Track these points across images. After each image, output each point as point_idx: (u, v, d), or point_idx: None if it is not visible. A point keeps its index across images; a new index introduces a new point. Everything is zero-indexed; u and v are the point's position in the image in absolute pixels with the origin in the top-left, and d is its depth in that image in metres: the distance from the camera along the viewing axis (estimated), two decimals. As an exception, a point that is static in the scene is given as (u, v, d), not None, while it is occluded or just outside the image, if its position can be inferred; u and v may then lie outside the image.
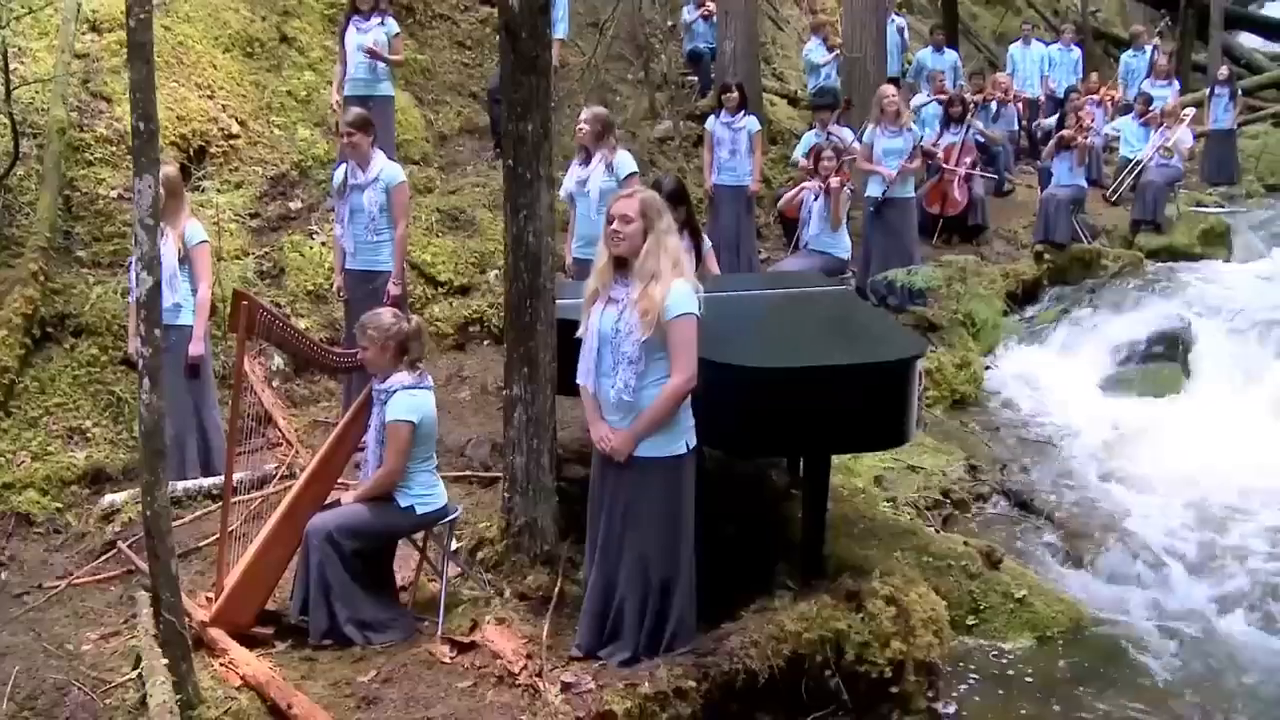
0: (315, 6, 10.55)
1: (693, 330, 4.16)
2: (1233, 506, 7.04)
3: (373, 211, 6.64)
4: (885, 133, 9.55)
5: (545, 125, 4.96)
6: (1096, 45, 21.82)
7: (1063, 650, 5.17)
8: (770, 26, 15.63)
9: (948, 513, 6.60)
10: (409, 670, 4.49)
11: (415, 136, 10.13)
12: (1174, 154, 13.18)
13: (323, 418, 7.22)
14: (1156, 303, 10.54)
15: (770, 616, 4.43)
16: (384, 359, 4.71)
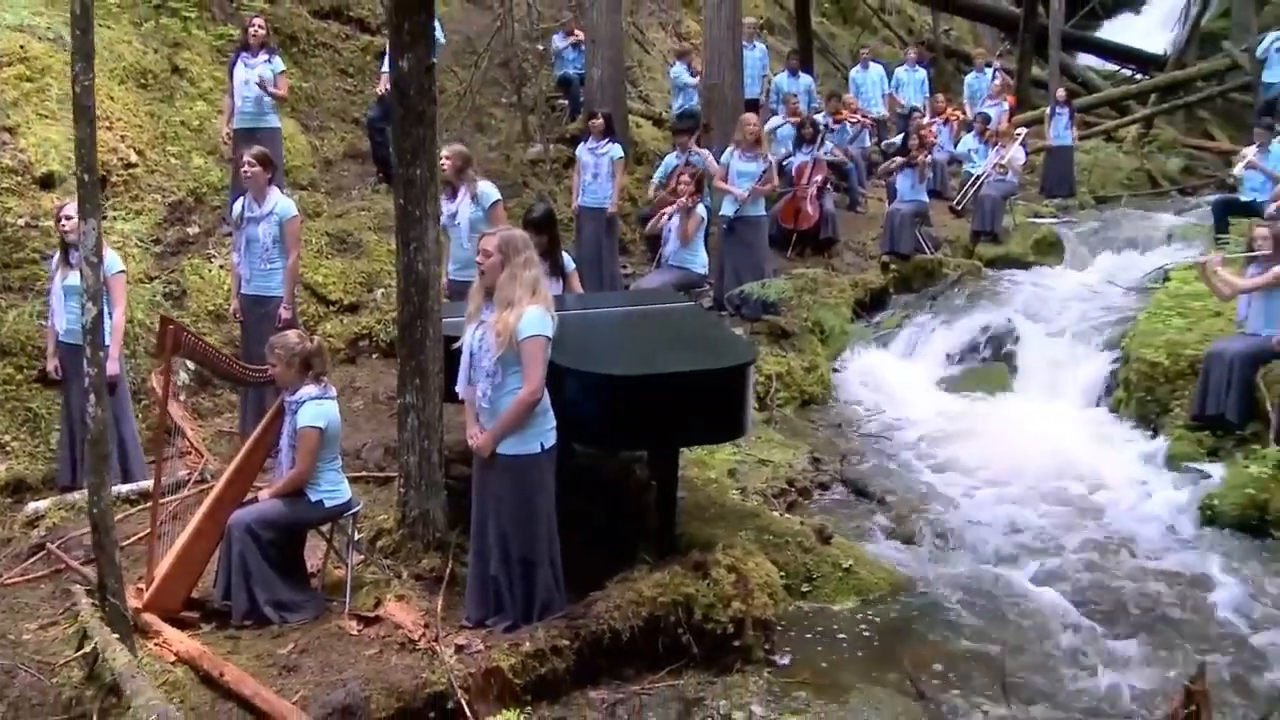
0: (204, 39, 11.07)
1: (541, 349, 4.98)
2: (1041, 489, 8.05)
3: (266, 242, 7.28)
4: (743, 156, 10.41)
5: (432, 169, 5.72)
6: (949, 63, 23.22)
7: (883, 610, 6.09)
8: (637, 50, 16.50)
9: (792, 499, 7.51)
10: (322, 642, 5.20)
11: (302, 162, 10.74)
12: (1009, 170, 14.43)
13: (227, 428, 7.85)
14: (989, 308, 11.66)
15: (630, 585, 5.27)
16: (291, 374, 5.41)
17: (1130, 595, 6.27)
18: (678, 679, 5.18)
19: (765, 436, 8.33)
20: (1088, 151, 18.51)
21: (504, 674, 4.92)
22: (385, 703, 4.74)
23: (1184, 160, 18.93)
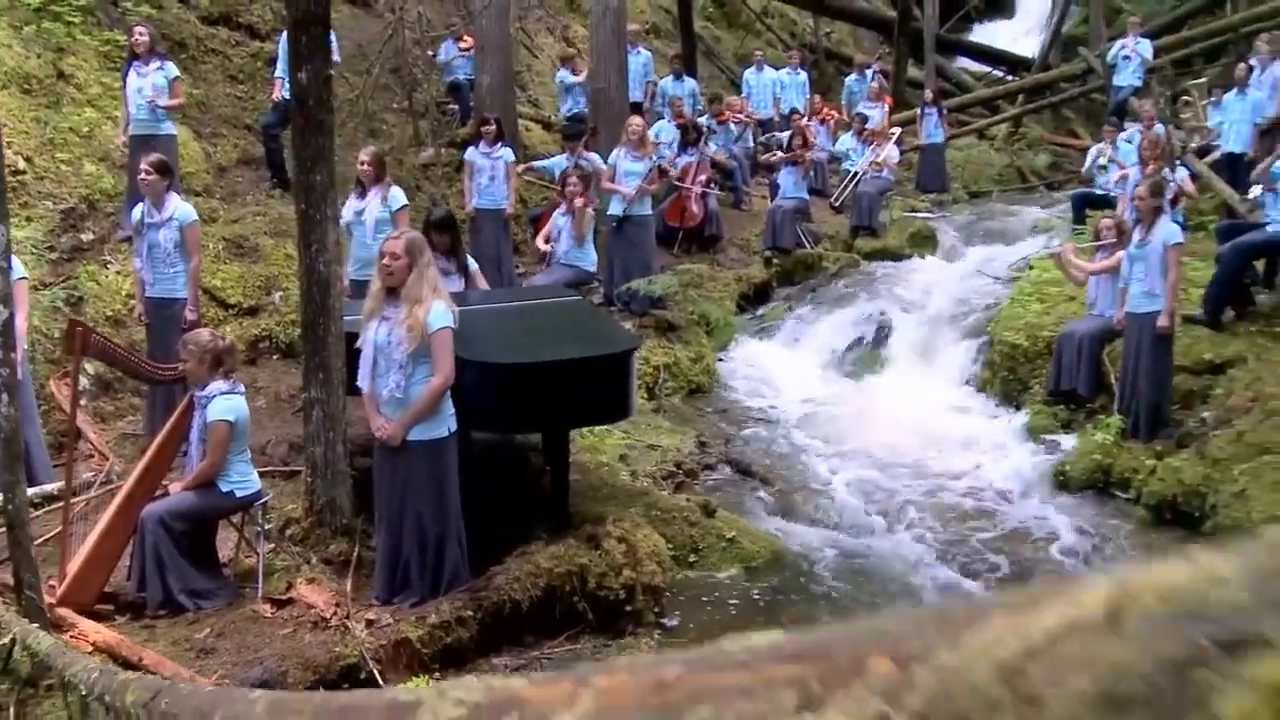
0: (89, 44, 11.08)
1: (449, 340, 5.37)
2: (912, 462, 8.65)
3: (168, 247, 7.49)
4: (629, 156, 10.83)
5: (330, 175, 6.03)
6: (830, 65, 23.99)
7: (764, 576, 6.58)
8: (526, 55, 16.83)
9: (680, 480, 7.96)
10: (237, 626, 5.49)
11: (196, 169, 10.86)
12: (884, 167, 15.12)
13: (130, 430, 8.00)
14: (866, 298, 12.26)
15: (528, 558, 5.67)
16: (203, 370, 5.69)
17: (989, 552, 6.87)
18: (575, 644, 5.59)
19: (654, 424, 8.78)
20: (960, 149, 19.35)
21: (412, 644, 5.27)
22: (301, 676, 5.05)
23: (1050, 157, 19.90)
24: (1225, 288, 8.74)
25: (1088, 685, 0.31)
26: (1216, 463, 7.32)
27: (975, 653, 0.35)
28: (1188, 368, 8.37)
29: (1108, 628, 0.31)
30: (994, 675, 0.34)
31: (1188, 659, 0.29)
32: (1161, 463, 7.61)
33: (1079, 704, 0.31)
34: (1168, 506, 7.39)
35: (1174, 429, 7.95)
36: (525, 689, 0.74)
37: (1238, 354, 8.33)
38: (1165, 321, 7.84)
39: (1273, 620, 0.27)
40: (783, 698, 0.44)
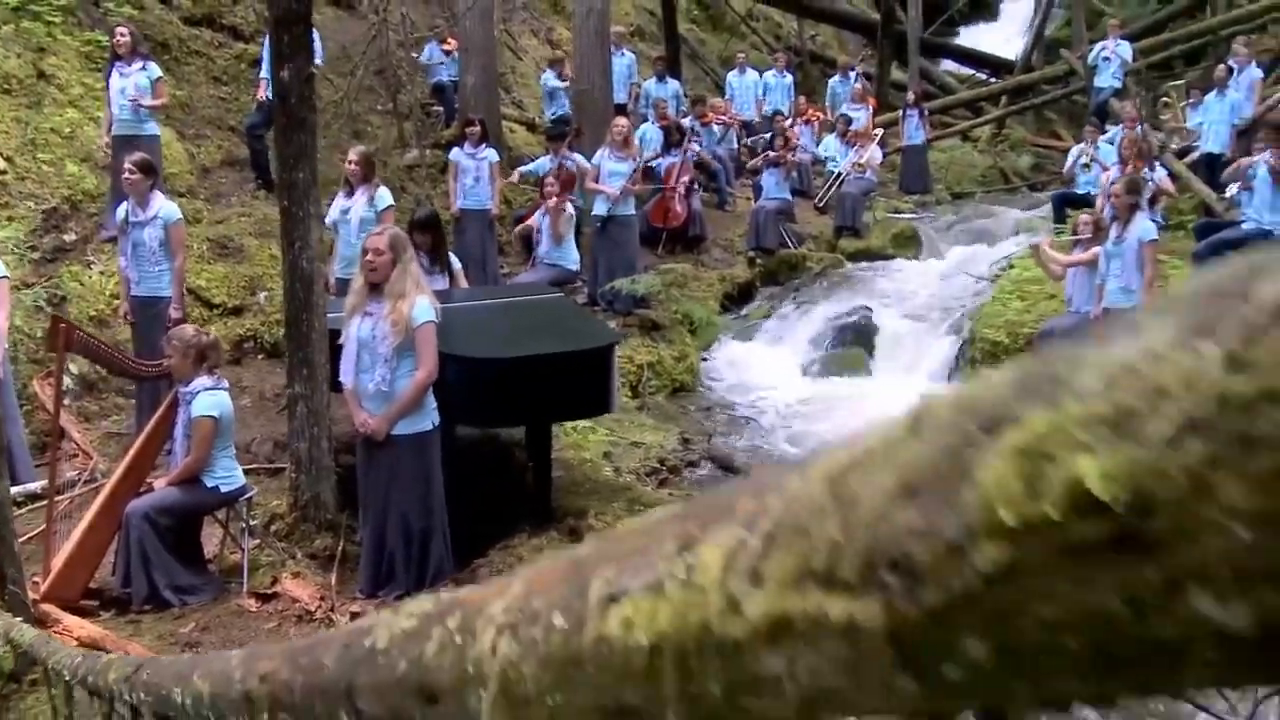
0: (70, 44, 11.10)
1: (433, 334, 5.43)
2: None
3: (153, 246, 7.53)
4: (613, 157, 10.91)
5: (313, 172, 6.09)
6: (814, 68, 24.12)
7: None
8: (510, 57, 16.90)
9: (663, 477, 8.02)
10: (222, 620, 5.53)
11: (179, 170, 10.88)
12: (867, 168, 15.22)
13: (114, 430, 8.04)
14: (850, 297, 12.35)
15: (511, 550, 5.73)
16: (187, 366, 5.73)
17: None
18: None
19: (638, 421, 8.84)
20: (944, 151, 19.49)
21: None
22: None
23: (1033, 158, 20.05)
24: (1201, 284, 8.83)
25: (890, 479, 0.37)
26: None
27: (814, 474, 0.42)
28: (1165, 364, 8.46)
29: (909, 433, 0.38)
30: (823, 487, 0.40)
31: (961, 443, 0.35)
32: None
33: (883, 496, 0.37)
34: (1144, 500, 7.48)
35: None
36: (465, 593, 0.81)
37: (1214, 350, 8.42)
38: (1142, 318, 7.93)
39: (1022, 404, 0.33)
40: (667, 546, 0.50)
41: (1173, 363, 0.29)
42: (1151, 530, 0.29)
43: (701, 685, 0.49)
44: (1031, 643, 0.33)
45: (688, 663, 0.49)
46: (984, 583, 0.33)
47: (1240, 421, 0.27)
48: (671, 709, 0.52)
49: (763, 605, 0.43)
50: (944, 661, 0.37)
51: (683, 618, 0.48)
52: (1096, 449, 0.30)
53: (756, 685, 0.46)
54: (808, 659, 0.42)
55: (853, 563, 0.38)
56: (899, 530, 0.36)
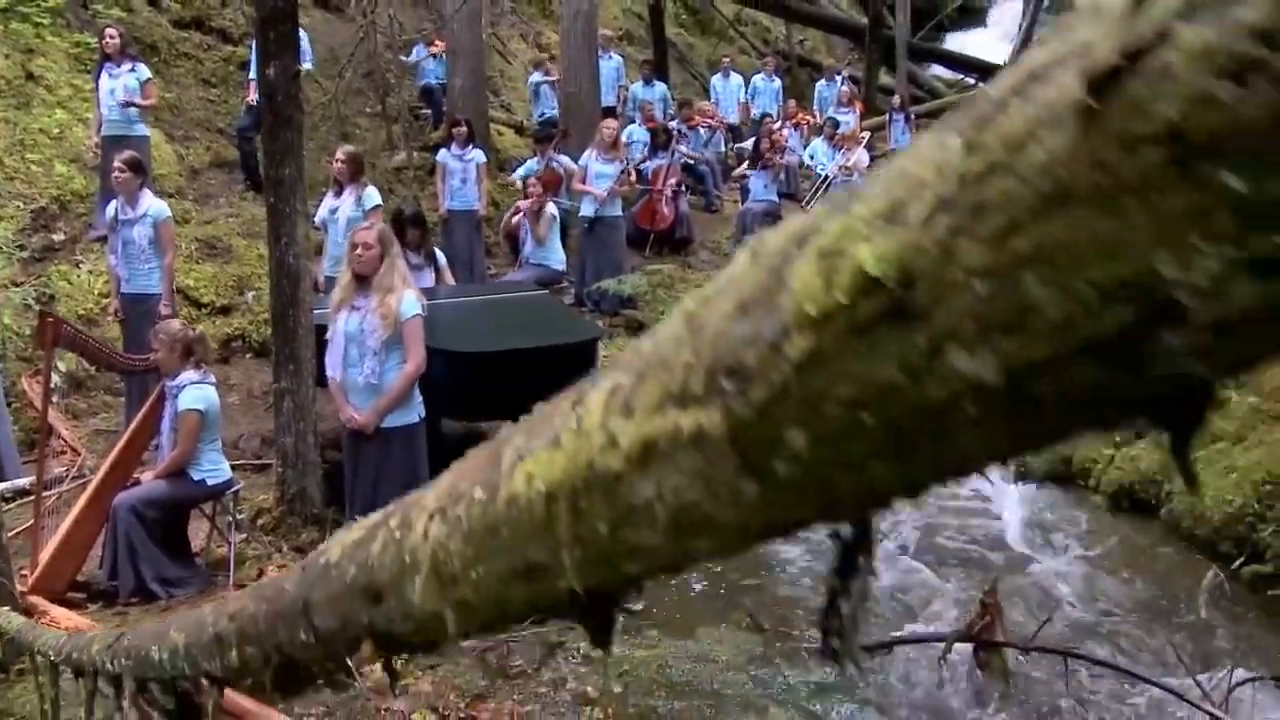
0: (59, 45, 11.15)
1: (420, 327, 5.48)
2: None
3: (142, 243, 7.57)
4: (600, 158, 10.99)
5: (299, 169, 6.14)
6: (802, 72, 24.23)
7: (729, 564, 6.69)
8: (499, 60, 16.97)
9: (649, 473, 8.07)
10: (207, 611, 5.56)
11: (169, 171, 10.92)
12: (854, 172, 15.31)
13: (103, 427, 8.07)
14: (835, 299, 12.44)
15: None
16: (173, 359, 5.77)
17: (948, 538, 7.01)
18: (541, 627, 5.68)
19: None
20: (931, 154, 19.54)
21: (380, 627, 5.36)
22: (270, 659, 5.14)
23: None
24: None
25: (729, 302, 0.43)
26: (1172, 451, 7.48)
27: (676, 312, 0.47)
28: (1146, 360, 8.55)
29: (749, 263, 0.43)
30: (681, 321, 0.46)
31: (782, 261, 0.41)
32: (1120, 452, 7.77)
33: (723, 317, 0.43)
34: (1125, 494, 7.55)
35: (1132, 420, 8.12)
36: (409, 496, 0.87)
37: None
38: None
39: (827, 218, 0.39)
40: (564, 405, 0.56)
41: (929, 158, 0.35)
42: (915, 300, 0.35)
43: (590, 524, 0.55)
44: (837, 425, 0.39)
45: (578, 503, 0.55)
46: (796, 372, 0.39)
47: (974, 193, 0.33)
48: (567, 552, 0.58)
49: (633, 434, 0.49)
50: (774, 457, 0.42)
51: (573, 461, 0.54)
52: (873, 238, 0.36)
53: (633, 515, 0.52)
54: (671, 478, 0.48)
55: (699, 378, 0.44)
56: (734, 342, 0.42)
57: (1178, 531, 7.03)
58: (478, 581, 0.70)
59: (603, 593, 0.64)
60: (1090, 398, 0.34)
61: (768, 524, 0.48)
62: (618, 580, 0.60)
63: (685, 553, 0.53)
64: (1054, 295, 0.31)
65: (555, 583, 0.62)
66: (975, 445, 0.38)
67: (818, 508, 0.46)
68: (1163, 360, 0.32)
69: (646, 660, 5.38)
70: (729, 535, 0.50)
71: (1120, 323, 0.31)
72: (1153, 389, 0.33)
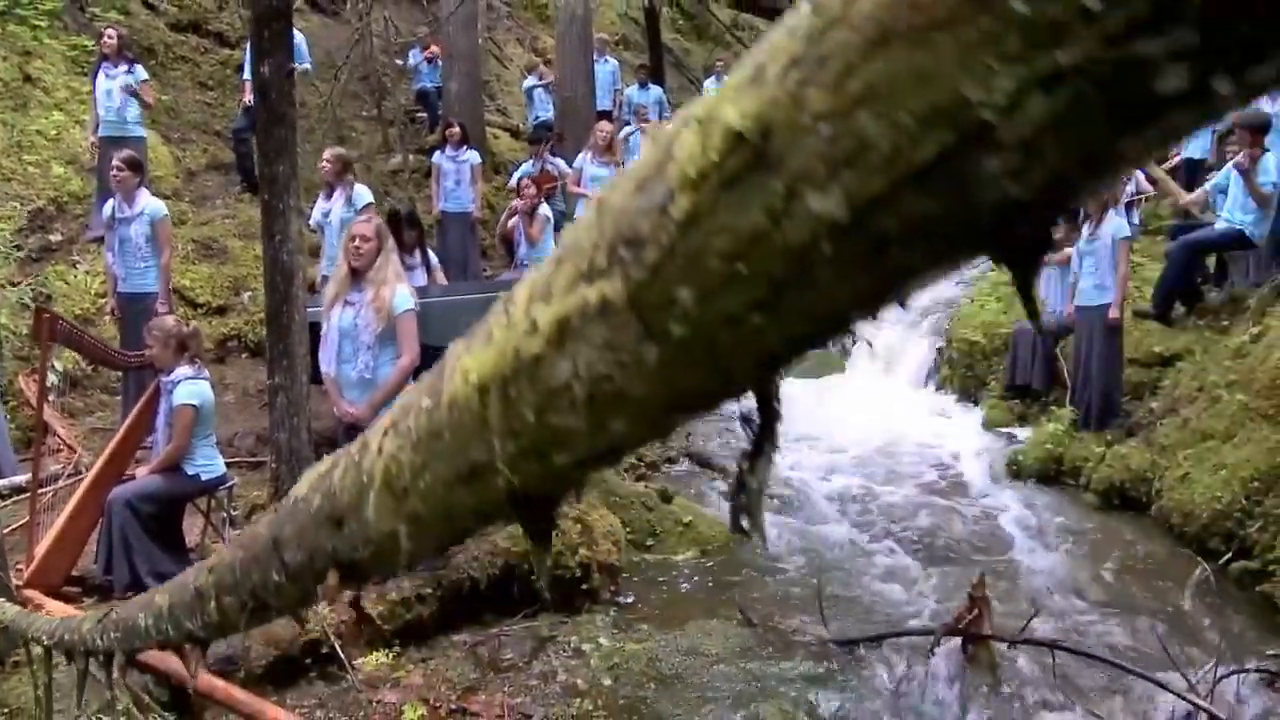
0: (57, 48, 11.21)
1: (414, 322, 5.53)
2: (870, 455, 8.84)
3: (139, 242, 7.61)
4: (595, 161, 11.02)
5: (293, 166, 6.18)
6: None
7: (720, 559, 6.75)
8: (495, 65, 17.04)
9: (641, 472, 8.12)
10: (201, 605, 5.59)
11: (165, 173, 10.98)
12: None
13: (100, 425, 8.11)
14: (829, 301, 12.47)
15: (486, 537, 5.80)
16: (167, 355, 5.81)
17: (939, 535, 7.05)
18: (533, 621, 5.73)
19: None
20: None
21: (374, 620, 5.41)
22: (264, 651, 5.18)
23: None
24: (1174, 283, 8.96)
25: (631, 183, 0.47)
26: (1162, 449, 7.53)
27: (591, 202, 0.52)
28: (1138, 360, 8.60)
29: (650, 147, 0.48)
30: (594, 208, 0.51)
31: (674, 136, 0.45)
32: (1110, 450, 7.82)
33: (625, 195, 0.47)
34: (1115, 492, 7.59)
35: (1124, 419, 8.17)
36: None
37: (1186, 347, 8.55)
38: (1116, 313, 8.06)
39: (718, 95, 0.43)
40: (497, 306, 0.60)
41: (786, 26, 0.39)
42: (772, 148, 0.39)
43: (519, 412, 0.59)
44: (717, 278, 0.43)
45: (508, 392, 0.59)
46: (680, 231, 0.43)
47: (817, 48, 0.37)
48: (500, 445, 0.62)
49: (549, 315, 0.53)
50: (668, 319, 0.47)
51: (501, 352, 0.59)
52: (739, 99, 0.40)
53: (556, 398, 0.56)
54: (584, 352, 0.52)
55: (603, 253, 0.48)
56: (632, 214, 0.46)
57: (1167, 529, 7.07)
58: (426, 491, 0.74)
59: (540, 495, 0.68)
60: (929, 230, 0.38)
61: (673, 396, 0.52)
62: (552, 476, 0.64)
63: (606, 435, 0.56)
64: (884, 128, 0.36)
65: (494, 481, 0.66)
66: (840, 290, 0.42)
67: (713, 373, 0.49)
68: (984, 185, 0.36)
69: (636, 653, 5.42)
70: (642, 411, 0.54)
71: (940, 147, 0.35)
72: (984, 218, 0.37)
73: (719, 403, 0.54)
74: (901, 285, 0.42)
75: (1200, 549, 6.70)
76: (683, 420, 0.57)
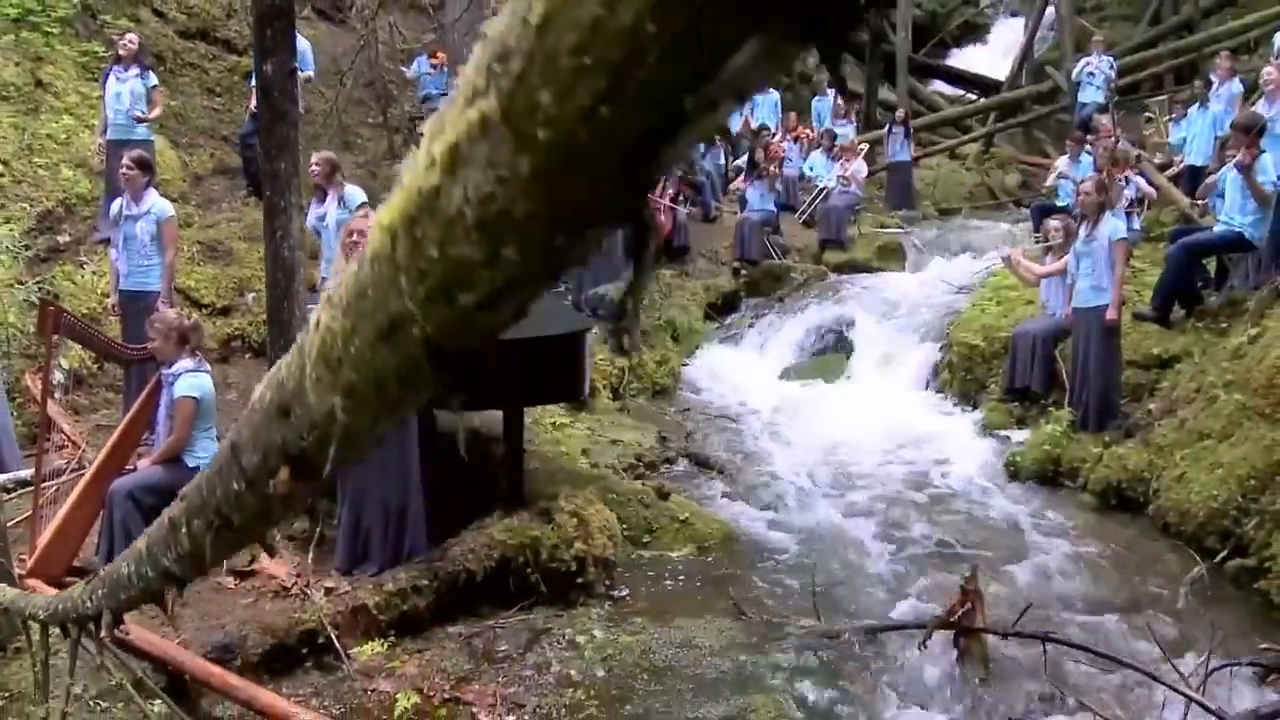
0: (68, 54, 11.33)
1: None
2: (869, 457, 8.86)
3: (144, 239, 7.68)
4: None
5: (295, 164, 6.26)
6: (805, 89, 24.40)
7: (716, 555, 6.78)
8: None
9: (640, 472, 8.16)
10: (202, 596, 5.66)
11: (173, 176, 11.07)
12: (852, 182, 15.42)
13: (105, 423, 8.17)
14: (831, 306, 12.52)
15: (483, 530, 5.86)
16: (169, 347, 5.87)
17: (933, 533, 7.08)
18: (528, 614, 5.77)
19: (617, 421, 8.99)
20: (932, 168, 19.73)
21: (369, 611, 5.45)
22: (261, 640, 5.23)
23: (1021, 176, 20.28)
24: (1173, 284, 8.99)
25: (506, 10, 0.53)
26: (1160, 450, 7.55)
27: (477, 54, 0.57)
28: (1136, 362, 8.62)
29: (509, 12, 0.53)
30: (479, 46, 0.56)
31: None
32: (1108, 451, 7.84)
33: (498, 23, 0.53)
34: (1113, 492, 7.61)
35: (1122, 420, 8.19)
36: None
37: (1184, 349, 8.58)
38: (1113, 314, 8.08)
39: None
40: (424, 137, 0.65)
41: None
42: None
43: (423, 250, 0.64)
44: (570, 75, 0.49)
45: (414, 231, 0.64)
46: (538, 34, 0.49)
47: None
48: (410, 288, 0.67)
49: (442, 144, 0.59)
50: (535, 125, 0.52)
51: (407, 193, 0.64)
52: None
53: (453, 229, 0.61)
54: (471, 175, 0.57)
55: (482, 74, 0.54)
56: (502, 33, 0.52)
57: (1163, 528, 7.09)
58: (356, 357, 0.79)
59: (454, 349, 0.73)
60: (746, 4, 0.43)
61: (551, 211, 0.57)
62: (460, 322, 0.69)
63: (501, 267, 0.61)
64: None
65: (411, 332, 0.71)
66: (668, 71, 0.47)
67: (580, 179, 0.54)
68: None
69: (630, 645, 5.46)
70: (528, 234, 0.58)
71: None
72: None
73: (598, 222, 0.59)
74: (722, 64, 0.47)
75: (1197, 547, 6.72)
76: (570, 249, 0.61)
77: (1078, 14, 22.95)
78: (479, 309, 0.67)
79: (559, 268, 0.65)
